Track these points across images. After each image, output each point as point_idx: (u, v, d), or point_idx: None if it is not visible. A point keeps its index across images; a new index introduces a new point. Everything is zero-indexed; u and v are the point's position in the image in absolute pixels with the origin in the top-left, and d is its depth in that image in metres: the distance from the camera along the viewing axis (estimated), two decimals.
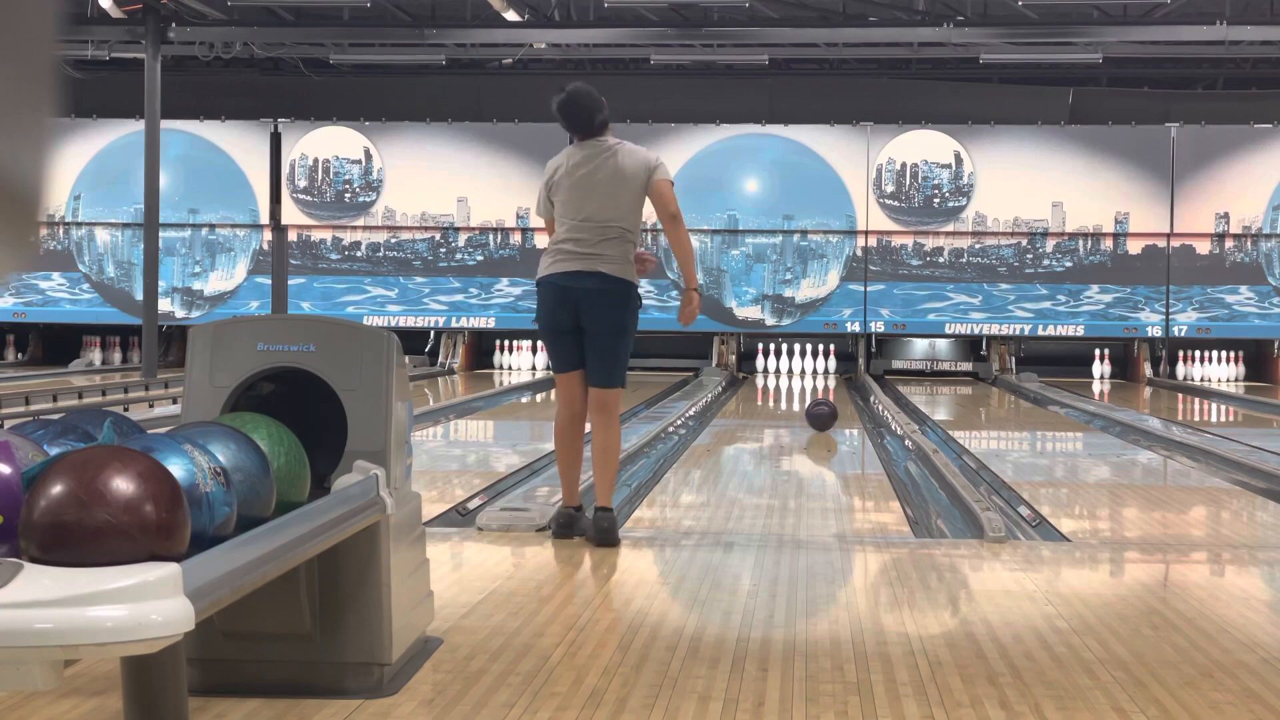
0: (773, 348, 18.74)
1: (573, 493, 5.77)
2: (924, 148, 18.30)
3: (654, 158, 5.77)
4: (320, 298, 18.81)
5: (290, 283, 18.85)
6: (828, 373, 18.51)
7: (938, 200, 18.26)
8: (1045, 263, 18.22)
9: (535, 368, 18.51)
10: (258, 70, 19.72)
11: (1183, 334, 18.11)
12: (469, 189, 18.62)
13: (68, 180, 18.88)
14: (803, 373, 18.60)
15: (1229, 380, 18.36)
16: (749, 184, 18.43)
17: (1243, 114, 18.40)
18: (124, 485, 2.31)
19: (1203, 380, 18.32)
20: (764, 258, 18.40)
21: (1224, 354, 18.53)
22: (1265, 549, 6.01)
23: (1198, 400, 16.15)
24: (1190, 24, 15.70)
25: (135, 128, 17.75)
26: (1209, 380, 18.34)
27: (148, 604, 2.19)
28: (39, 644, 2.13)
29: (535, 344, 18.55)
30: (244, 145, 18.91)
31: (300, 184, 18.82)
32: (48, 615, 2.14)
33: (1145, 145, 18.04)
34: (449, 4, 17.25)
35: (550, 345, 5.76)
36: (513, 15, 16.26)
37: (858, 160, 18.30)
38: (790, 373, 18.63)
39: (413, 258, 18.77)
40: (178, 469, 2.61)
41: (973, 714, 3.30)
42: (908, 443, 9.76)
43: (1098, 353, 18.81)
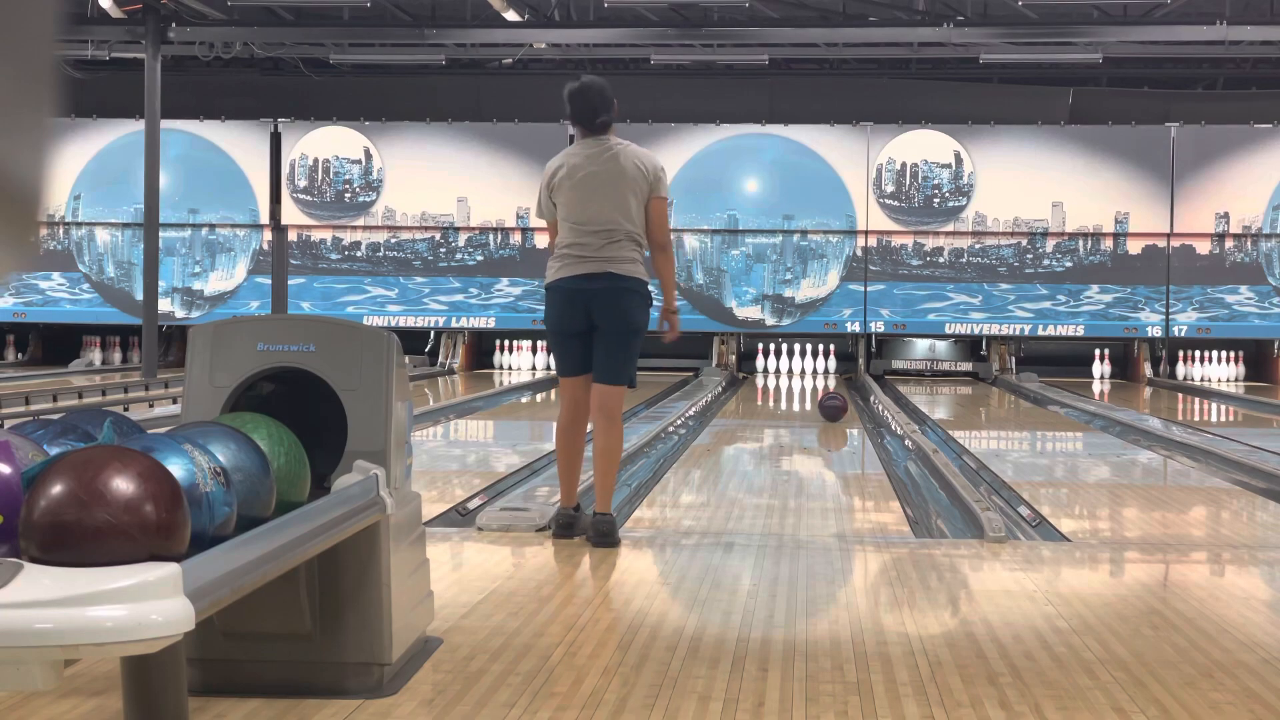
0: (773, 348, 18.73)
1: (571, 494, 5.77)
2: (924, 148, 18.29)
3: (656, 165, 5.71)
4: (320, 298, 18.80)
5: (290, 283, 18.85)
6: (828, 373, 18.51)
7: (938, 200, 18.26)
8: (1045, 263, 18.21)
9: (535, 368, 18.51)
10: (258, 70, 19.72)
11: (1183, 334, 18.10)
12: (469, 189, 18.61)
13: (68, 180, 18.88)
14: (803, 373, 18.60)
15: (1229, 380, 18.35)
16: (749, 184, 18.43)
17: (1243, 114, 18.40)
18: (124, 485, 2.31)
19: (1203, 380, 18.31)
20: (764, 258, 18.40)
21: (1224, 354, 18.52)
22: (1265, 549, 6.01)
23: (1198, 400, 16.14)
24: (1190, 24, 15.70)
25: (135, 128, 17.75)
26: (1209, 380, 18.34)
27: (148, 604, 2.19)
28: (39, 644, 2.13)
29: (535, 344, 18.56)
30: (244, 145, 18.90)
31: (300, 184, 18.81)
32: (48, 615, 2.14)
33: (1145, 145, 18.04)
34: (449, 4, 17.24)
35: (558, 348, 5.74)
36: (513, 15, 16.26)
37: (858, 160, 18.30)
38: (790, 373, 18.62)
39: (413, 258, 18.77)
40: (178, 469, 2.61)
41: (973, 714, 3.30)
42: (908, 443, 9.75)
43: (1098, 353, 18.80)
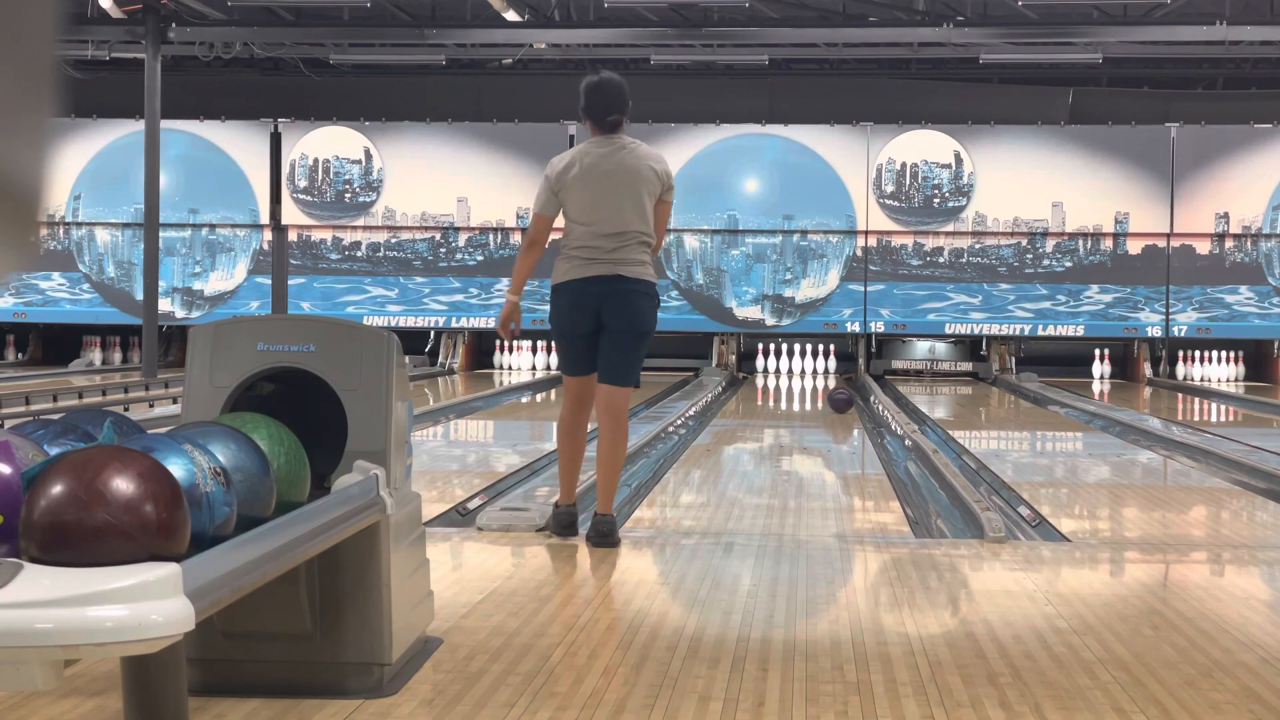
0: (773, 348, 18.73)
1: (571, 491, 5.77)
2: (924, 148, 18.29)
3: (668, 168, 5.78)
4: (320, 298, 18.80)
5: (290, 283, 18.85)
6: (828, 373, 18.50)
7: (938, 200, 18.25)
8: (1045, 263, 18.21)
9: (535, 368, 18.50)
10: (258, 70, 19.72)
11: (1182, 334, 18.10)
12: (469, 189, 18.61)
13: (68, 180, 18.87)
14: (803, 373, 18.60)
15: (1229, 380, 18.35)
16: (749, 184, 18.43)
17: (1243, 114, 18.40)
18: (124, 485, 2.31)
19: (1203, 380, 18.31)
20: (764, 258, 18.39)
21: (1224, 354, 18.52)
22: (1265, 549, 6.00)
23: (1198, 400, 16.14)
24: (1190, 24, 15.70)
25: (135, 128, 17.75)
26: (1209, 380, 18.33)
27: (148, 604, 2.19)
28: (39, 644, 2.13)
29: (535, 344, 18.55)
30: (244, 145, 18.90)
31: (300, 184, 18.81)
32: (48, 615, 2.14)
33: (1145, 145, 18.04)
34: (449, 4, 17.24)
35: (564, 348, 5.73)
36: (513, 15, 16.26)
37: (858, 160, 18.30)
38: (790, 373, 18.62)
39: (413, 258, 18.76)
40: (178, 469, 2.61)
41: (973, 714, 3.30)
42: (908, 443, 9.75)
43: (1098, 353, 18.80)
